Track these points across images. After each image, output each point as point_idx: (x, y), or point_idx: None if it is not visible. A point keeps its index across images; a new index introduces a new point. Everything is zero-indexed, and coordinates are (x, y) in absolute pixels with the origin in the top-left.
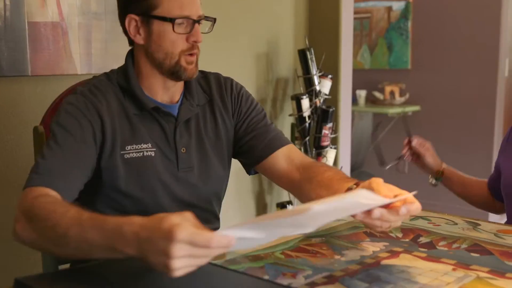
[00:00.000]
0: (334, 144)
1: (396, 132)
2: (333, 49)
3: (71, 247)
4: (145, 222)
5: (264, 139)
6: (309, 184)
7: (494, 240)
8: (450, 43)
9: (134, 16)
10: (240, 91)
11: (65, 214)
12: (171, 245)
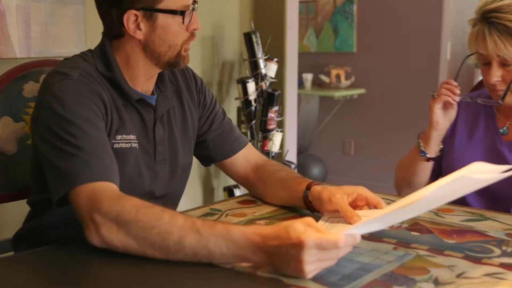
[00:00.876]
0: (280, 128)
1: (342, 115)
2: (278, 33)
3: (184, 253)
4: (270, 232)
5: (229, 139)
6: (263, 184)
7: (434, 219)
8: (394, 26)
9: (134, 12)
10: (202, 82)
11: (175, 221)
12: (301, 252)
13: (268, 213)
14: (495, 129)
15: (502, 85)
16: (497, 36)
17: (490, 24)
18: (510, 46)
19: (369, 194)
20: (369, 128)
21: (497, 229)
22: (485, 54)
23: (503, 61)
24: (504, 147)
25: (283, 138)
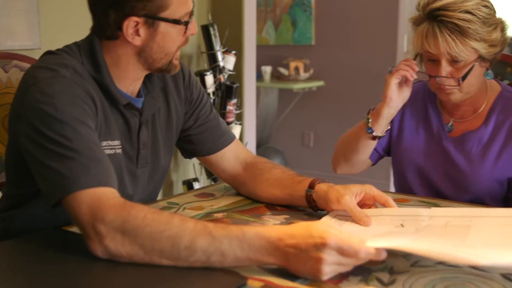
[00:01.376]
0: (239, 120)
1: (301, 107)
2: (236, 25)
3: (196, 257)
4: (287, 231)
5: (215, 134)
6: (254, 182)
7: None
8: (351, 19)
9: (135, 18)
10: (190, 76)
11: (185, 224)
12: (323, 251)
13: (225, 206)
14: (441, 125)
15: (450, 82)
16: (448, 35)
17: (439, 22)
18: (461, 45)
19: (377, 192)
20: (328, 120)
21: None
22: (434, 53)
23: (453, 58)
24: (450, 143)
25: (242, 130)
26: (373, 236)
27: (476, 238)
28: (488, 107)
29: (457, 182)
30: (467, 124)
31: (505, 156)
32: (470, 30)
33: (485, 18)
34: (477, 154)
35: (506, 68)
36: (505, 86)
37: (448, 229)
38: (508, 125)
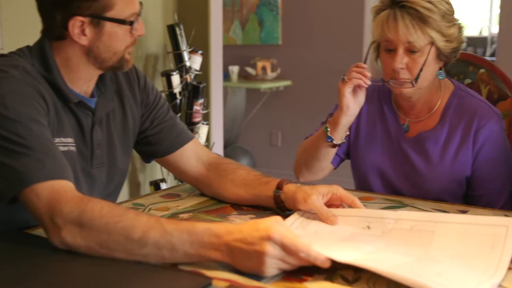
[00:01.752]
0: (206, 120)
1: (268, 107)
2: (202, 25)
3: (148, 249)
4: (238, 226)
5: (172, 133)
6: (219, 183)
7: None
8: (318, 19)
9: (81, 18)
10: (145, 79)
11: (139, 217)
12: (267, 243)
13: (191, 207)
14: (398, 126)
15: (406, 74)
16: (409, 20)
17: (401, 8)
18: (420, 32)
19: (343, 193)
20: (295, 119)
21: None
22: (393, 39)
23: (411, 48)
24: (407, 144)
25: (209, 130)
26: (339, 237)
27: (439, 246)
28: (442, 106)
29: (416, 183)
30: (423, 124)
31: (462, 155)
32: (430, 19)
33: (445, 13)
34: (434, 154)
35: (468, 67)
36: (458, 85)
37: (413, 233)
38: (463, 124)
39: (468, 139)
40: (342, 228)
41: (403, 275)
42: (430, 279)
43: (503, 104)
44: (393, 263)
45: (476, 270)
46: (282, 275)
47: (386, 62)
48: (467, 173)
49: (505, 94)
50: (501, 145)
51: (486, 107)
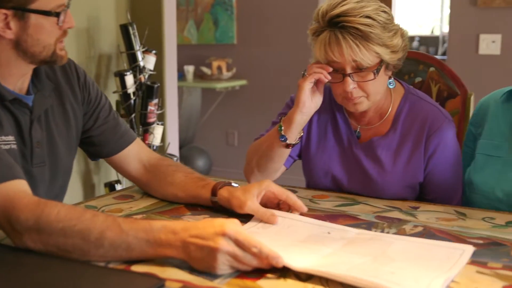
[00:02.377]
0: (161, 121)
1: (224, 107)
2: (156, 24)
3: (104, 249)
4: (195, 223)
5: (115, 134)
6: (158, 185)
7: (308, 205)
8: (273, 18)
9: (4, 11)
10: (85, 76)
11: (96, 218)
12: (220, 238)
13: (145, 208)
14: (350, 132)
15: (359, 92)
16: (351, 40)
17: (341, 28)
18: (365, 50)
19: (276, 189)
20: (252, 118)
21: (368, 212)
22: (339, 62)
23: (358, 66)
24: (359, 150)
25: (164, 131)
26: (299, 239)
27: (397, 249)
28: (393, 111)
29: (369, 189)
30: (375, 130)
31: (414, 161)
32: (372, 35)
33: (385, 23)
34: (387, 160)
35: (418, 66)
36: (408, 88)
37: (372, 240)
38: (415, 130)
39: (420, 145)
40: (303, 230)
41: (357, 276)
42: (384, 278)
43: (452, 102)
44: (348, 265)
45: (430, 269)
46: (236, 275)
47: (335, 86)
48: (419, 179)
49: (455, 92)
50: (452, 149)
51: (437, 112)
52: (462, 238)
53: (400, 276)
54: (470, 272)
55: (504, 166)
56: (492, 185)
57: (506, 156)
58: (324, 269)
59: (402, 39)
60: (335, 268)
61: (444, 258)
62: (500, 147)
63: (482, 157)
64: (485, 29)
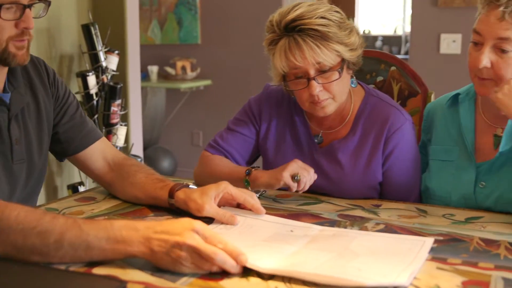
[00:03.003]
0: (124, 121)
1: (189, 107)
2: (118, 24)
3: (64, 251)
4: (158, 222)
5: (81, 131)
6: (120, 185)
7: (272, 204)
8: (236, 18)
9: None
10: (54, 74)
11: (56, 220)
12: (190, 232)
13: (107, 210)
14: (310, 138)
15: (325, 94)
16: (311, 41)
17: (299, 32)
18: (326, 50)
19: (234, 191)
20: (216, 118)
21: (331, 211)
22: (301, 66)
23: (321, 67)
24: (320, 155)
25: (128, 131)
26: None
27: (360, 244)
28: (354, 113)
29: (331, 192)
30: (336, 133)
31: (374, 162)
32: (330, 34)
33: (340, 22)
34: (347, 163)
35: (379, 65)
36: (368, 90)
37: (335, 237)
38: (375, 131)
39: (379, 145)
40: (266, 229)
41: (325, 275)
42: (351, 274)
43: (413, 100)
44: (315, 263)
45: (394, 262)
46: (198, 275)
47: (300, 92)
48: (379, 179)
49: (415, 91)
50: (410, 151)
51: (397, 113)
52: (423, 235)
53: (367, 272)
54: (430, 268)
55: (457, 170)
56: (447, 189)
57: (457, 160)
58: (291, 269)
59: (358, 36)
60: (302, 267)
61: (405, 250)
62: (451, 151)
63: (435, 163)
64: (446, 28)
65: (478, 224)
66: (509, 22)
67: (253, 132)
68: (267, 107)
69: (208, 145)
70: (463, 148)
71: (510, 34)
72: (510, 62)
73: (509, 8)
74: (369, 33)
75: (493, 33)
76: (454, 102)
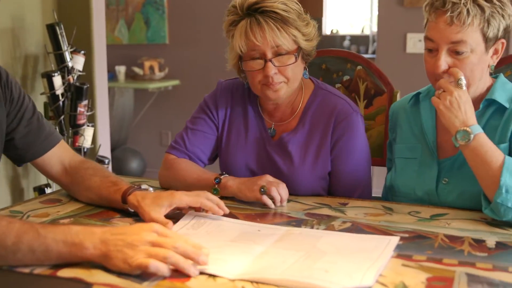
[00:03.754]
0: (91, 122)
1: (157, 107)
2: (84, 24)
3: (22, 253)
4: (116, 226)
5: (39, 136)
6: (78, 189)
7: (239, 205)
8: (204, 17)
9: None
10: (7, 75)
11: (12, 224)
12: (147, 231)
13: (72, 211)
14: (264, 129)
15: (279, 78)
16: (272, 23)
17: (261, 13)
18: (285, 33)
19: (189, 200)
20: (185, 118)
21: (298, 209)
22: (260, 46)
23: (279, 52)
24: (272, 147)
25: (95, 132)
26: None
27: (326, 241)
28: (303, 105)
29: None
30: (287, 126)
31: (323, 152)
32: (290, 19)
33: (299, 13)
34: (297, 154)
35: (346, 64)
36: (317, 83)
37: (302, 235)
38: (323, 122)
39: (327, 135)
40: (233, 229)
41: (292, 279)
42: (318, 278)
43: (379, 99)
44: (282, 267)
45: (360, 261)
46: (162, 278)
47: (255, 73)
48: (328, 169)
49: (381, 90)
50: (357, 140)
51: (345, 104)
52: (389, 233)
53: (334, 273)
54: (395, 265)
55: (421, 167)
56: (412, 186)
57: (420, 157)
58: (258, 275)
59: (314, 29)
60: (269, 272)
61: (371, 249)
62: (415, 149)
63: (399, 160)
64: (412, 28)
65: (443, 221)
66: (459, 25)
67: (213, 128)
68: (222, 102)
69: (171, 147)
70: (425, 145)
71: (462, 36)
72: (467, 61)
73: (456, 12)
74: (337, 33)
75: (445, 38)
76: (415, 102)
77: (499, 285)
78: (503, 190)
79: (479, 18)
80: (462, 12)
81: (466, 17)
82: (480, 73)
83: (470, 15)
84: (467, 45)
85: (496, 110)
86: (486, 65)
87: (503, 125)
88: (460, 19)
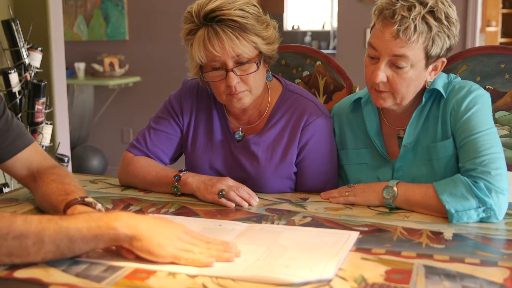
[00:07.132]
0: (50, 120)
1: (118, 104)
2: (41, 20)
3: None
4: None
5: (5, 140)
6: (36, 194)
7: (200, 201)
8: (164, 13)
9: None
10: None
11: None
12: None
13: (30, 211)
14: (229, 133)
15: (242, 86)
16: (230, 32)
17: (218, 22)
18: (244, 40)
19: None
20: (146, 115)
21: (258, 205)
22: (220, 56)
23: (239, 60)
24: (237, 149)
25: (54, 130)
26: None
27: (287, 237)
28: (271, 107)
29: (250, 185)
30: (254, 128)
31: (290, 154)
32: (248, 26)
33: (257, 16)
34: (263, 156)
35: (305, 60)
36: (285, 85)
37: (263, 231)
38: (291, 124)
39: (295, 137)
40: (195, 224)
41: (256, 275)
42: (280, 272)
43: (339, 94)
44: (244, 265)
45: (320, 256)
46: (124, 275)
47: (217, 84)
48: (295, 169)
49: (341, 85)
50: (325, 142)
51: (314, 107)
52: (349, 227)
53: (295, 268)
54: (355, 259)
55: (374, 171)
56: None
57: (371, 161)
58: (220, 273)
59: (275, 31)
60: (230, 271)
61: (332, 244)
62: (363, 154)
63: (351, 167)
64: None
65: (402, 214)
66: (403, 40)
67: (176, 129)
68: (188, 102)
69: (131, 145)
70: (375, 150)
71: (405, 52)
72: (405, 77)
73: (403, 26)
74: (298, 29)
75: (388, 50)
76: (356, 107)
77: (455, 276)
78: (453, 212)
79: (424, 36)
80: (410, 28)
81: (412, 33)
82: (415, 88)
83: (416, 32)
84: (408, 60)
85: (436, 99)
86: (423, 81)
87: (442, 118)
88: (406, 34)
